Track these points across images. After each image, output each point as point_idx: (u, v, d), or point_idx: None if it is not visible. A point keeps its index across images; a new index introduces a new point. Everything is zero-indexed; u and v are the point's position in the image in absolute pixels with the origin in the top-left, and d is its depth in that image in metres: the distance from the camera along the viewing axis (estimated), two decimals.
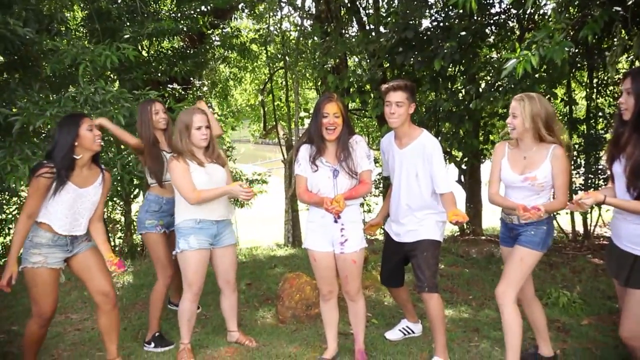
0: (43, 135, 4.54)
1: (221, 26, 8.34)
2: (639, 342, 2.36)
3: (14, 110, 4.23)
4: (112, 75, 5.46)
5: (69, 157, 2.73)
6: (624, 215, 2.42)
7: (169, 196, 3.40)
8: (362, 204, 9.57)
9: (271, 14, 8.68)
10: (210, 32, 7.99)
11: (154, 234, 3.43)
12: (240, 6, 8.66)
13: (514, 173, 2.76)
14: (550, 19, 3.42)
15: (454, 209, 2.84)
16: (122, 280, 4.87)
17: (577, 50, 5.81)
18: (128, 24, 5.77)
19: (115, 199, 5.92)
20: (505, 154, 2.83)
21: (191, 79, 7.91)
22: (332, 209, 2.76)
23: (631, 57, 5.78)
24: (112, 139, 4.65)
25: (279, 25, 8.82)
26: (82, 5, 6.16)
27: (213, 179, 3.09)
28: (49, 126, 3.99)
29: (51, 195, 2.70)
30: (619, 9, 3.78)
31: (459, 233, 7.41)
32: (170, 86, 7.23)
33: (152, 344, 3.43)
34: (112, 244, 6.49)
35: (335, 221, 2.95)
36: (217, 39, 8.66)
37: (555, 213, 2.86)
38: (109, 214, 7.35)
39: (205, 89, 9.28)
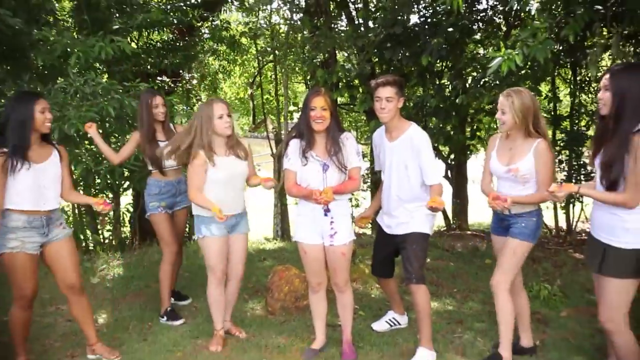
0: None
1: (211, 19, 8.31)
2: (613, 326, 2.48)
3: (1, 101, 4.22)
4: (101, 67, 5.44)
5: (26, 135, 2.76)
6: (598, 204, 2.52)
7: (169, 179, 3.72)
8: (350, 199, 9.65)
9: (261, 7, 8.64)
10: (200, 24, 7.97)
11: (157, 214, 3.71)
12: None
13: (499, 164, 2.88)
14: (534, 18, 3.50)
15: (434, 197, 2.94)
16: (112, 273, 4.90)
17: (560, 48, 5.91)
18: (117, 15, 5.74)
19: (106, 191, 5.93)
20: (496, 146, 2.96)
21: (180, 71, 7.89)
22: (321, 199, 2.83)
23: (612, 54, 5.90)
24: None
25: (268, 18, 8.79)
26: None
27: (233, 174, 3.15)
28: None
29: (10, 175, 2.72)
30: (600, 8, 3.88)
31: (445, 228, 7.51)
32: (160, 78, 7.21)
33: (165, 317, 3.73)
34: (101, 236, 6.48)
35: (325, 214, 3.01)
36: (207, 31, 8.62)
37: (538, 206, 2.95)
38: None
39: (194, 81, 9.25)
